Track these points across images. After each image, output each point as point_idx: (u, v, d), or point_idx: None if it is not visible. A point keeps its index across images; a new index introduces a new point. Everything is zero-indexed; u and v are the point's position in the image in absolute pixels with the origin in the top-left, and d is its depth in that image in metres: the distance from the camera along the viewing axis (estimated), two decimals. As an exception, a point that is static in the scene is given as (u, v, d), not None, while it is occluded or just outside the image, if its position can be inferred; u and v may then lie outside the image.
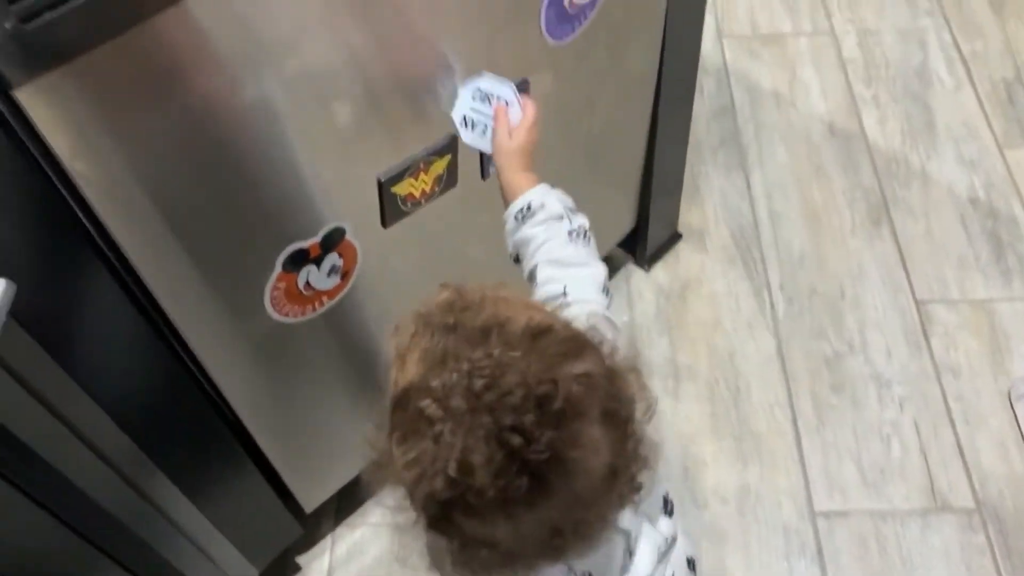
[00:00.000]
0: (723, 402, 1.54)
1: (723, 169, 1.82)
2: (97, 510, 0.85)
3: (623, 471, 0.64)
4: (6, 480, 0.70)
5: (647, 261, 1.69)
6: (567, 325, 0.66)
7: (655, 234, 1.67)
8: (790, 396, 1.53)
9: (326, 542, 1.43)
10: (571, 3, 1.03)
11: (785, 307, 1.63)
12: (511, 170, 0.91)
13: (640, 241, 1.66)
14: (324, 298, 1.01)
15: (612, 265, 1.69)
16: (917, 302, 1.62)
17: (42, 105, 0.65)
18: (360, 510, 1.46)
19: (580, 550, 0.65)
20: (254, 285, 0.92)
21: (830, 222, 1.74)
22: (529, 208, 0.86)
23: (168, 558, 1.02)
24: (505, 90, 0.93)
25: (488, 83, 0.94)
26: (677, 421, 1.52)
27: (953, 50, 1.98)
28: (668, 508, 0.90)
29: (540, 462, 0.57)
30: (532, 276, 0.84)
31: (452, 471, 0.57)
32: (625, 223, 1.60)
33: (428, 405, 0.58)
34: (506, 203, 0.90)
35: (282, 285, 0.95)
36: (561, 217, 0.85)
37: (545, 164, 1.20)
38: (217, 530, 1.13)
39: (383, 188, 0.96)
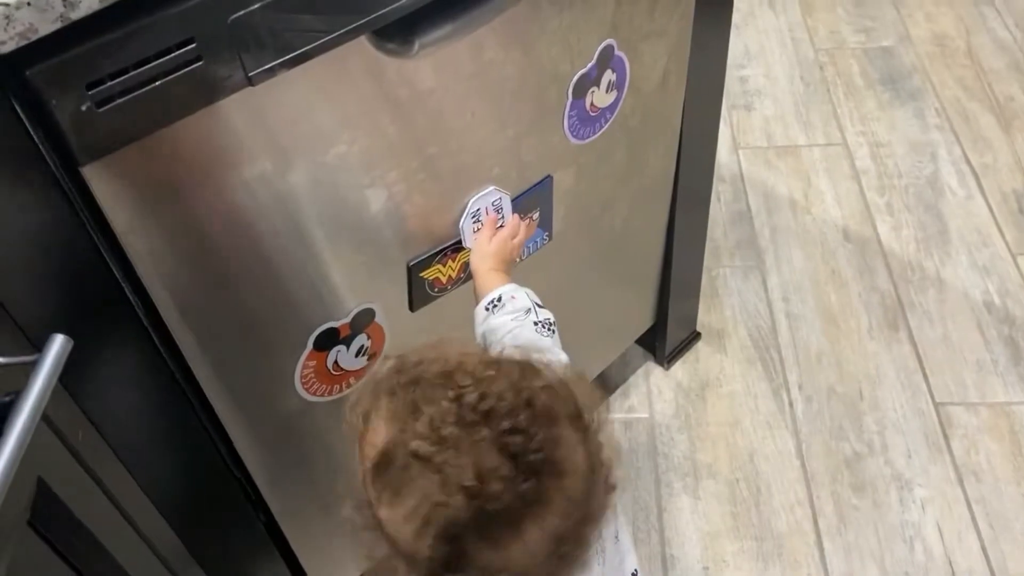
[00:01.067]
0: (743, 502, 1.53)
1: (740, 272, 1.87)
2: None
3: (599, 469, 0.68)
4: (49, 544, 0.72)
5: (666, 359, 1.72)
6: (511, 357, 0.71)
7: (674, 333, 1.70)
8: (811, 497, 1.52)
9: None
10: (592, 106, 1.10)
11: (804, 407, 1.64)
12: (485, 269, 0.99)
13: (659, 340, 1.69)
14: (351, 378, 1.04)
15: (631, 363, 1.73)
16: (936, 404, 1.63)
17: (104, 182, 0.71)
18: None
19: (581, 556, 0.68)
20: (286, 362, 0.96)
21: (847, 325, 1.76)
22: (499, 300, 0.93)
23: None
24: (509, 211, 1.05)
25: (507, 202, 1.04)
26: (696, 520, 1.51)
27: (963, 163, 2.05)
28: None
29: (538, 463, 0.61)
30: None
31: (469, 481, 0.59)
32: (644, 320, 1.63)
33: (419, 446, 0.61)
34: (477, 298, 0.96)
35: (312, 364, 0.98)
36: (529, 310, 0.92)
37: (566, 259, 1.26)
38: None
39: (411, 273, 1.01)
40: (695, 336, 1.76)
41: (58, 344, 0.60)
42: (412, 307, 1.05)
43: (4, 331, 0.68)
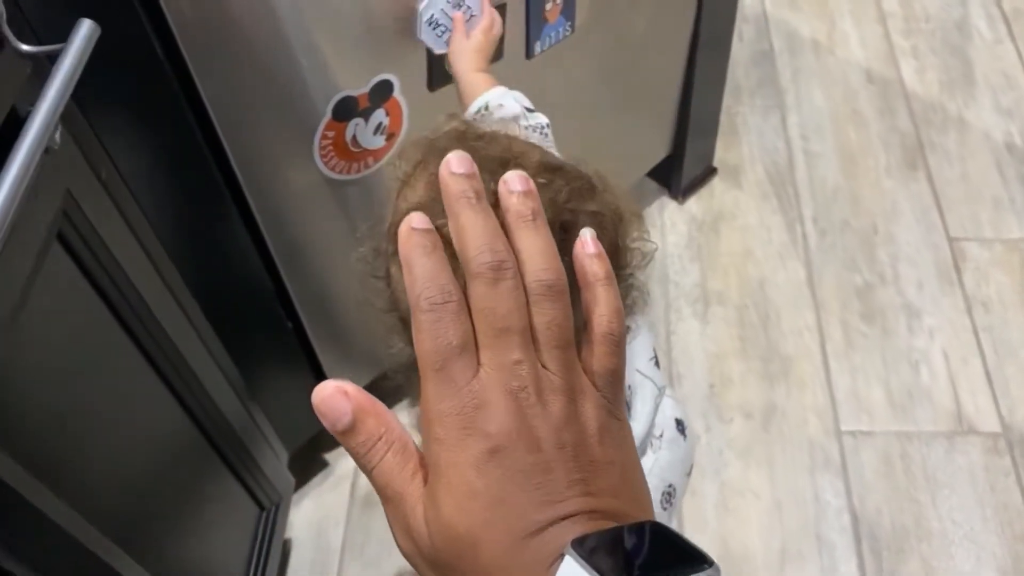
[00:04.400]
0: (752, 326, 1.55)
1: (760, 110, 1.84)
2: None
3: None
4: (76, 262, 0.74)
5: (681, 193, 1.71)
6: (575, 167, 0.66)
7: (690, 168, 1.69)
8: (819, 323, 1.54)
9: (355, 441, 1.46)
10: None
11: (817, 239, 1.65)
12: (469, 70, 0.92)
13: (675, 174, 1.68)
14: (370, 159, 1.04)
15: (646, 197, 1.72)
16: (950, 239, 1.63)
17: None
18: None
19: None
20: (305, 129, 0.95)
21: (865, 163, 1.75)
22: (487, 108, 0.87)
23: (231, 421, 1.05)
24: (476, 2, 0.96)
25: None
26: (704, 342, 1.53)
27: (994, 7, 1.99)
28: (655, 360, 0.94)
29: None
30: None
31: None
32: (660, 150, 1.61)
33: (443, 225, 0.59)
34: (463, 104, 0.89)
35: (331, 135, 0.98)
36: (518, 116, 0.86)
37: (587, 58, 1.23)
38: (255, 398, 1.16)
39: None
40: (711, 171, 1.75)
41: (86, 28, 0.60)
42: (431, 86, 1.04)
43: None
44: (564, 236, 0.59)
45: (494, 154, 0.63)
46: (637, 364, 0.94)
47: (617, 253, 0.65)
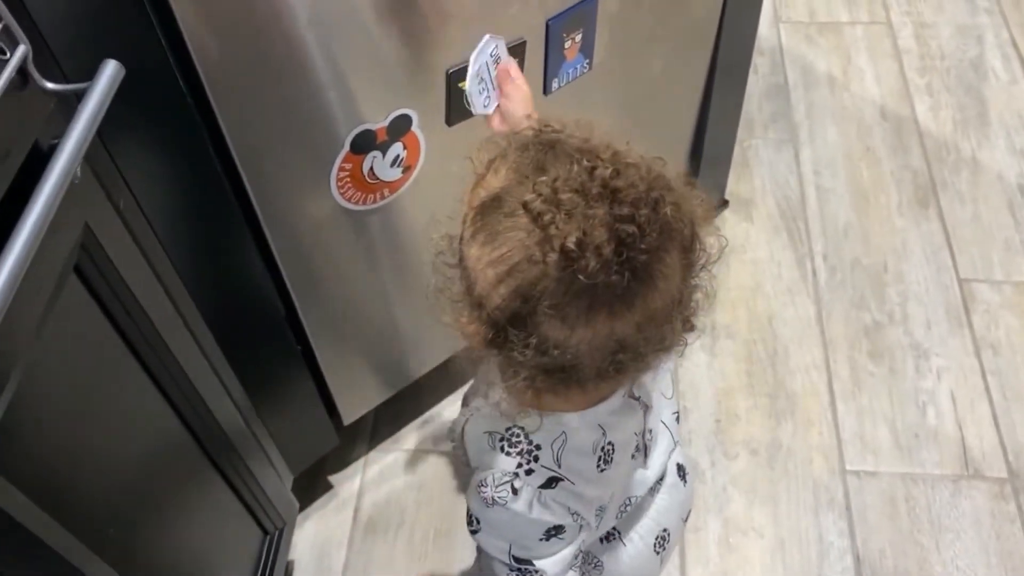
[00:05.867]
0: (759, 362, 1.55)
1: (773, 144, 1.85)
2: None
3: (685, 304, 0.67)
4: (92, 295, 0.74)
5: (692, 225, 1.71)
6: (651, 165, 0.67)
7: (702, 199, 1.69)
8: (827, 360, 1.54)
9: (358, 464, 1.46)
10: (643, -74, 1.06)
11: (827, 276, 1.64)
12: (526, 114, 0.90)
13: (686, 205, 1.69)
14: (386, 190, 1.04)
15: (657, 226, 1.72)
16: (960, 280, 1.63)
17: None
18: (394, 436, 1.49)
19: (633, 374, 0.69)
20: (323, 161, 0.96)
21: (877, 200, 1.75)
22: None
23: (236, 445, 1.05)
24: (506, 55, 0.94)
25: (503, 47, 0.94)
26: (711, 375, 1.53)
27: (1010, 47, 1.99)
28: (678, 416, 0.96)
29: (638, 263, 0.60)
30: None
31: (571, 244, 0.58)
32: (674, 181, 1.62)
33: (532, 200, 0.60)
34: None
35: (348, 167, 0.98)
36: None
37: (603, 95, 1.24)
38: (262, 423, 1.16)
39: (450, 82, 1.00)
40: (723, 204, 1.75)
41: (111, 69, 0.60)
42: (449, 121, 1.04)
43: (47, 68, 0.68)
44: (653, 214, 0.62)
45: (576, 144, 0.66)
46: (663, 416, 0.94)
47: (693, 245, 0.66)
